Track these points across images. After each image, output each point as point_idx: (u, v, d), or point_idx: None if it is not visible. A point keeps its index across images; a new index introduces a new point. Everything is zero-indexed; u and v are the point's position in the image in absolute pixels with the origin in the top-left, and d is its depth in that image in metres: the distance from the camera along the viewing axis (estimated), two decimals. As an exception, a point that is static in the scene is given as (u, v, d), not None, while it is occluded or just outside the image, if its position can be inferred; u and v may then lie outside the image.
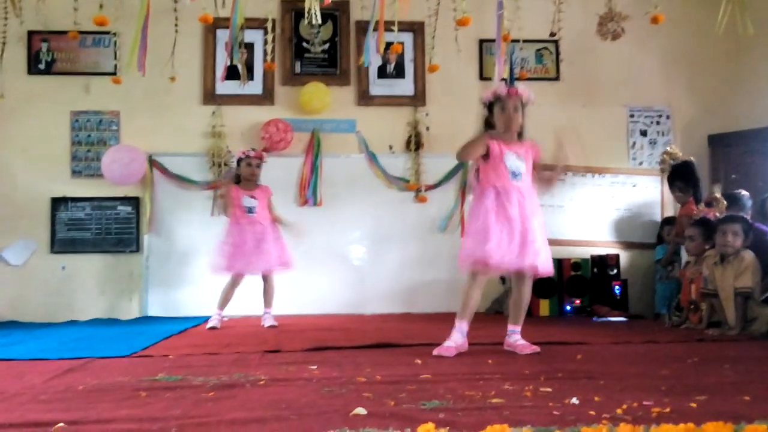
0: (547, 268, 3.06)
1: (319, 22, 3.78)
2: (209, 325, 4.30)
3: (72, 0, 4.12)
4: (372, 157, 5.54)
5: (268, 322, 4.44)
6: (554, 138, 3.13)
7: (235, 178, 4.59)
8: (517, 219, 2.96)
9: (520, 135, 3.12)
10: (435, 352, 2.93)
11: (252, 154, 4.56)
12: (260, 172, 4.57)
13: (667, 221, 5.23)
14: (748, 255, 3.88)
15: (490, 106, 3.13)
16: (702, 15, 5.59)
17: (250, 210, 4.47)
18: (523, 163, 3.05)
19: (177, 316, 5.06)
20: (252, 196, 4.52)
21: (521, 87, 3.10)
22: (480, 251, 2.93)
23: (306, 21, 3.77)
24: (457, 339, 3.01)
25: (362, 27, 5.50)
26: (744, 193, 4.63)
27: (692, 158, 4.96)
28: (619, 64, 5.76)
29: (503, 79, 3.83)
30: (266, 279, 4.52)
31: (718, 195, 4.27)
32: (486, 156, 3.04)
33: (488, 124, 3.15)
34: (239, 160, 4.57)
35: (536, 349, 2.99)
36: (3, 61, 4.87)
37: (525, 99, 3.09)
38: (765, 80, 5.54)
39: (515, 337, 3.11)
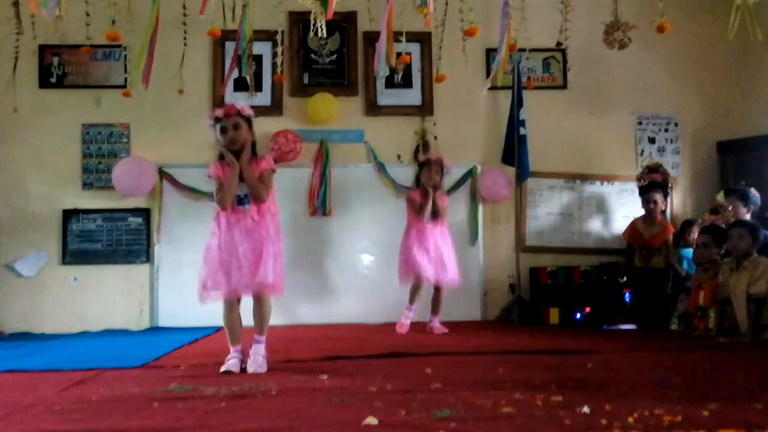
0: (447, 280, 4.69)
1: (324, 35, 3.83)
2: (223, 369, 3.00)
3: (84, 15, 4.16)
4: (380, 167, 5.56)
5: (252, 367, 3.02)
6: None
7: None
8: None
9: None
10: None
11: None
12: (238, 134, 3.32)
13: (688, 223, 5.18)
14: (765, 261, 3.87)
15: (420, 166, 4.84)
16: (709, 22, 5.59)
17: (240, 200, 3.20)
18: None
19: (187, 327, 5.06)
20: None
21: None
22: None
23: (312, 34, 3.81)
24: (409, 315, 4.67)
25: (370, 38, 5.53)
26: (754, 191, 4.64)
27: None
28: (626, 71, 5.76)
29: (491, 88, 4.63)
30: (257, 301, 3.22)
31: (723, 203, 4.27)
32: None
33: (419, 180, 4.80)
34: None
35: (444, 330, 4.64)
36: (15, 75, 4.92)
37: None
38: (773, 86, 5.53)
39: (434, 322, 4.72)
